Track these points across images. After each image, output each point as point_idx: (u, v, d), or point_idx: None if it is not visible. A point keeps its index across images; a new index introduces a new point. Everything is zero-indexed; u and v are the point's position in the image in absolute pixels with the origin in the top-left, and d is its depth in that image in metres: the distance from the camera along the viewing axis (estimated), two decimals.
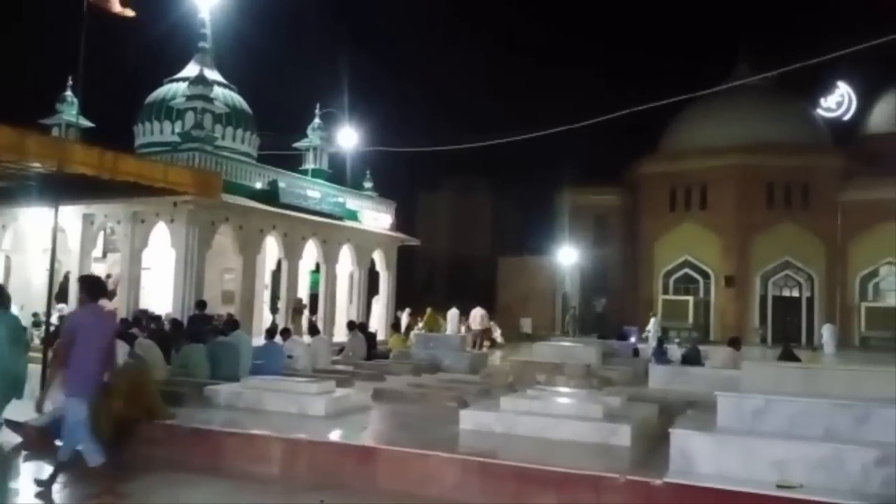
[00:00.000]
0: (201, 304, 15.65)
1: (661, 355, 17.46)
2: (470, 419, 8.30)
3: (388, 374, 13.07)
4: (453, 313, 23.54)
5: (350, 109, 25.35)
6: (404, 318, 26.59)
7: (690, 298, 37.03)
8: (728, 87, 36.72)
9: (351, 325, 16.94)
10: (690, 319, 36.33)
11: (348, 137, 24.65)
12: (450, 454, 7.09)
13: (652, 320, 27.45)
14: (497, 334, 28.50)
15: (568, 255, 37.71)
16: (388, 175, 27.70)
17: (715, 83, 36.10)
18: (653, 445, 7.40)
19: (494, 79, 79.14)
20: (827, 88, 39.49)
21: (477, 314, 22.85)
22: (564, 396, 9.09)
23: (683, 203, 37.96)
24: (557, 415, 8.16)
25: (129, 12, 11.82)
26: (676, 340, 26.40)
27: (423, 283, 49.35)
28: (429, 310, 23.15)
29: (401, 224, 26.44)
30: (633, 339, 22.15)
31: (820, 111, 39.43)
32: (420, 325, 22.26)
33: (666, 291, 38.06)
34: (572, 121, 20.32)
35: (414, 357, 15.59)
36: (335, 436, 8.12)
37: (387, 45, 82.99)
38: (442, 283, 51.29)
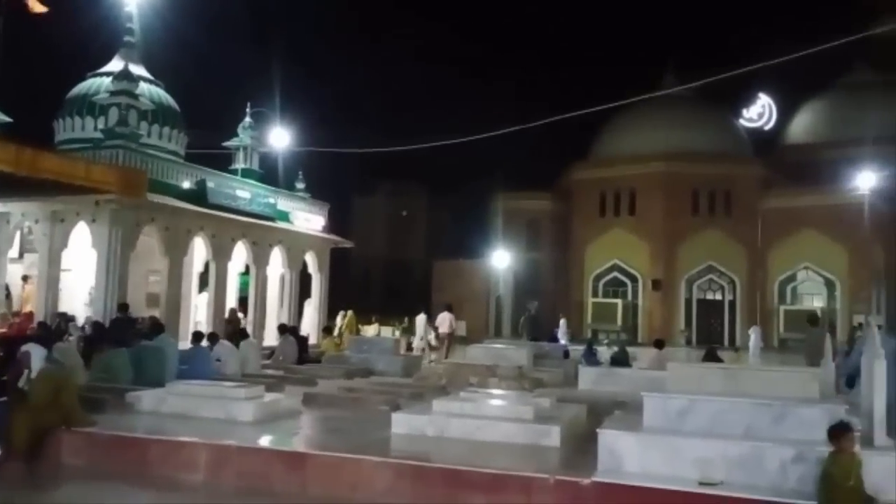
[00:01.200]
0: (123, 307, 15.10)
1: (590, 357, 17.80)
2: (402, 422, 8.27)
3: (319, 378, 12.90)
4: (422, 318, 23.29)
5: (282, 109, 24.94)
6: (339, 321, 26.30)
7: (619, 301, 37.93)
8: (656, 97, 37.81)
9: (282, 329, 16.66)
10: (619, 322, 37.22)
11: (280, 137, 24.21)
12: (381, 458, 7.05)
13: (562, 322, 28.06)
14: (431, 337, 28.46)
15: (502, 259, 38.09)
16: (321, 177, 27.39)
17: (644, 93, 37.32)
18: (582, 445, 7.52)
19: (431, 84, 79.41)
20: (749, 100, 41.20)
21: (446, 318, 22.25)
22: (496, 398, 9.15)
23: (613, 209, 38.86)
24: (489, 417, 8.21)
25: (42, 7, 11.31)
26: (605, 342, 26.97)
27: (358, 286, 49.01)
28: (349, 312, 22.84)
29: (334, 226, 26.17)
30: (563, 342, 22.52)
31: (742, 122, 41.03)
32: (340, 326, 21.89)
33: (596, 295, 38.89)
34: (507, 127, 20.59)
35: (347, 361, 15.43)
36: (264, 441, 7.96)
37: (322, 45, 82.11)
38: (377, 286, 51.10)
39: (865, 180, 31.25)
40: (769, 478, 6.10)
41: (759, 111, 41.37)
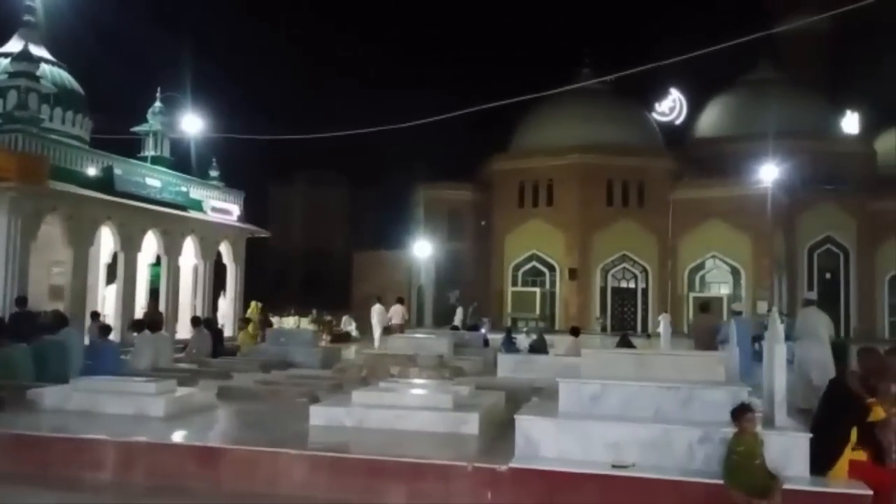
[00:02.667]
0: (21, 301, 14.28)
1: (509, 345, 18.08)
2: (320, 414, 8.16)
3: (235, 371, 12.58)
4: (378, 308, 23.49)
5: (195, 94, 24.09)
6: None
7: (538, 290, 38.65)
8: (573, 92, 38.60)
9: (195, 321, 16.15)
10: (537, 310, 37.92)
11: (192, 123, 23.35)
12: (298, 451, 6.94)
13: (459, 310, 28.46)
14: (352, 328, 28.31)
15: (423, 249, 38.17)
16: (237, 165, 26.68)
17: (561, 86, 38.02)
18: (500, 432, 7.61)
19: (353, 73, 78.50)
20: (661, 95, 42.59)
21: (398, 309, 23.12)
22: (415, 388, 9.16)
23: (532, 200, 39.50)
24: (408, 406, 8.21)
25: None
26: (524, 330, 27.47)
27: (276, 277, 48.13)
28: (253, 303, 22.49)
29: (250, 216, 25.57)
30: (483, 330, 22.77)
31: (655, 116, 42.39)
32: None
33: (515, 284, 39.50)
34: (427, 118, 20.49)
35: (264, 353, 15.12)
36: (176, 437, 7.71)
37: (238, 28, 79.94)
38: (296, 276, 50.29)
39: (768, 173, 32.83)
40: (677, 458, 6.33)
41: (671, 105, 42.84)
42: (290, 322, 24.57)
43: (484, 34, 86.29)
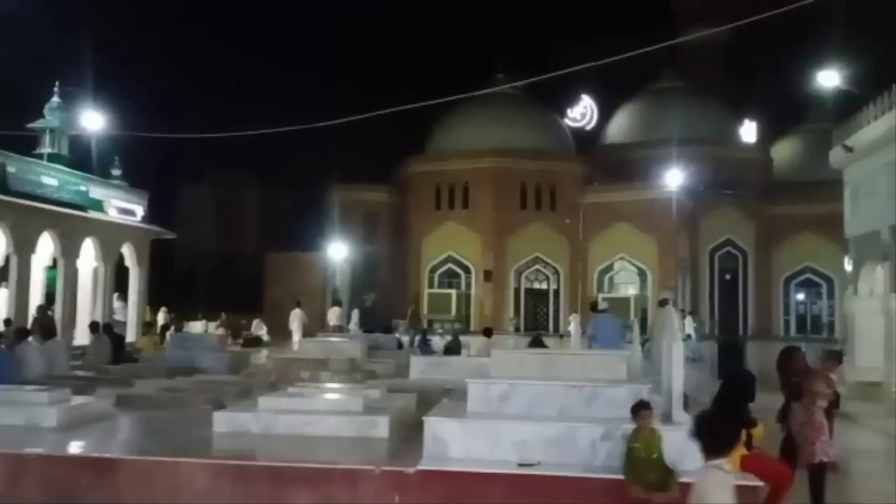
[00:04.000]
0: None
1: (425, 347, 18.12)
2: (225, 421, 7.96)
3: (136, 378, 12.10)
4: (298, 312, 23.52)
5: (97, 90, 22.94)
6: (161, 317, 24.88)
7: (453, 292, 38.85)
8: (488, 95, 39.02)
9: (94, 327, 15.43)
10: (453, 311, 38.09)
11: (93, 120, 22.23)
12: (200, 459, 6.75)
13: (354, 312, 27.99)
14: (263, 332, 27.72)
15: (338, 251, 37.73)
16: (143, 164, 25.66)
17: (476, 90, 38.42)
18: (410, 435, 7.61)
19: (266, 70, 76.75)
20: (573, 101, 43.60)
21: (337, 311, 24.39)
22: (325, 392, 9.05)
23: (448, 202, 39.68)
24: (317, 411, 8.11)
25: None
26: (440, 331, 27.59)
27: (185, 279, 46.57)
28: (146, 308, 21.84)
29: (156, 216, 24.61)
30: (398, 334, 22.74)
31: (567, 121, 43.36)
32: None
33: (431, 286, 39.57)
34: (344, 119, 20.23)
35: (168, 359, 14.59)
36: (70, 448, 7.36)
37: (145, 24, 76.82)
38: (206, 279, 48.77)
39: (672, 178, 34.13)
40: (581, 455, 6.50)
41: (582, 111, 43.89)
42: (197, 326, 23.81)
43: (402, 37, 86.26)
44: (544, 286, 39.51)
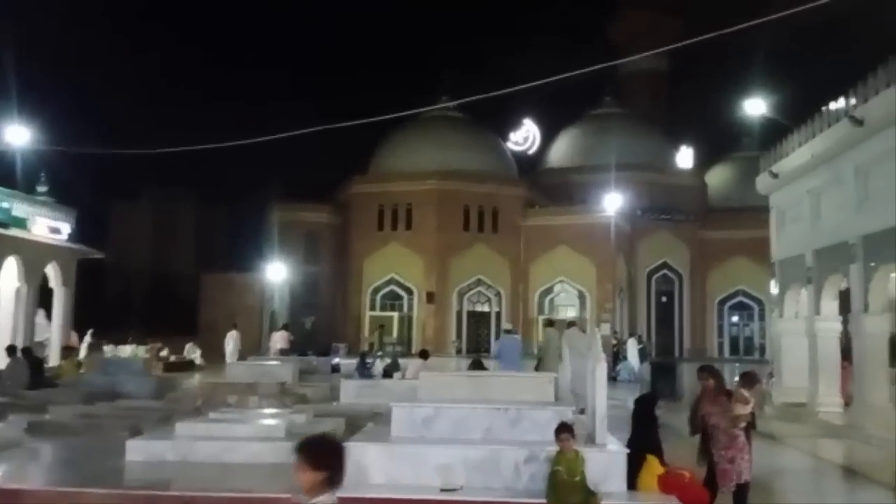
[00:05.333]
0: None
1: (363, 370, 17.80)
2: (139, 449, 7.61)
3: (52, 404, 11.51)
4: (234, 335, 24.15)
5: (21, 102, 22.06)
6: (87, 340, 23.89)
7: (395, 314, 38.64)
8: (432, 117, 39.33)
9: (11, 350, 14.68)
10: (395, 334, 37.84)
11: (17, 133, 21.35)
12: (108, 490, 6.40)
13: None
14: (196, 355, 26.92)
15: (277, 272, 37.09)
16: (73, 180, 24.80)
17: (421, 115, 38.58)
18: None
19: (206, 87, 75.72)
20: (516, 125, 44.21)
21: (283, 335, 24.45)
22: (249, 417, 8.76)
23: (391, 223, 39.57)
24: (238, 437, 7.83)
25: None
26: (379, 354, 27.24)
27: (116, 301, 45.04)
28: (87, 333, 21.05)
29: (86, 235, 23.71)
30: (337, 358, 22.36)
31: (509, 145, 43.89)
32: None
33: (373, 308, 39.27)
34: (283, 140, 19.92)
35: (89, 384, 13.97)
36: None
37: (77, 34, 74.86)
38: (138, 301, 47.25)
39: (611, 202, 34.77)
40: (505, 479, 6.40)
41: (524, 136, 44.52)
42: (126, 350, 22.91)
43: (348, 59, 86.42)
44: (486, 308, 39.62)
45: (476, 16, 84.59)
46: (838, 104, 13.20)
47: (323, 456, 3.04)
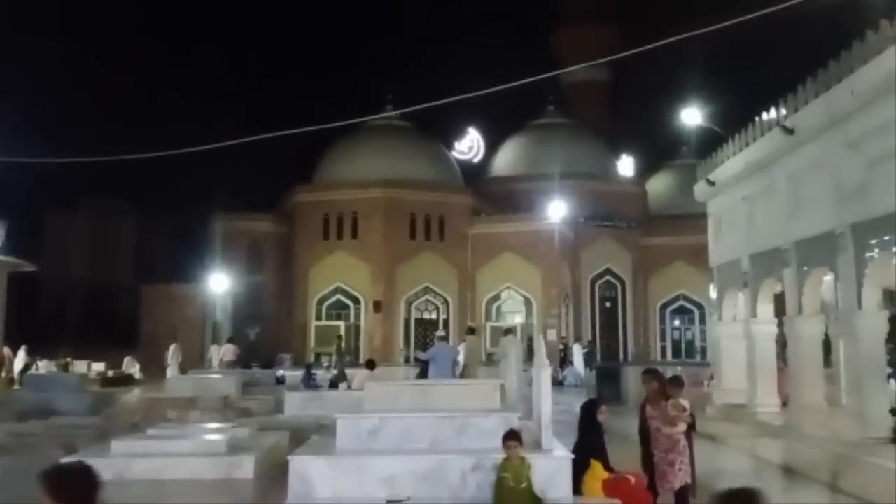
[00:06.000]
0: None
1: (309, 381, 17.55)
2: None
3: None
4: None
5: None
6: (21, 357, 22.98)
7: (342, 324, 38.24)
8: (377, 126, 39.20)
9: None
10: (342, 344, 37.44)
11: None
12: None
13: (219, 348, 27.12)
14: (135, 370, 26.16)
15: (220, 283, 36.33)
16: (4, 190, 23.82)
17: (366, 122, 38.43)
18: (280, 474, 7.25)
19: (146, 95, 73.96)
20: (461, 134, 44.45)
21: (230, 348, 24.77)
22: (189, 433, 8.52)
23: (336, 232, 39.21)
24: (177, 453, 7.61)
25: None
26: (326, 365, 26.96)
27: (51, 315, 43.44)
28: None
29: (19, 247, 22.85)
30: (281, 369, 22.03)
31: (455, 153, 44.08)
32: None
33: (319, 318, 38.81)
34: (225, 149, 19.55)
35: (21, 401, 13.42)
36: None
37: (9, 39, 72.25)
38: (75, 314, 45.65)
39: (555, 210, 35.23)
40: (451, 488, 6.37)
41: (469, 144, 44.80)
42: (40, 365, 22.05)
43: (294, 68, 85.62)
44: (434, 316, 39.59)
45: (421, 25, 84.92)
46: (771, 114, 13.67)
47: (66, 486, 2.81)
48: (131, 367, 26.20)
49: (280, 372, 19.07)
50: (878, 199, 10.13)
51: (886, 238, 10.13)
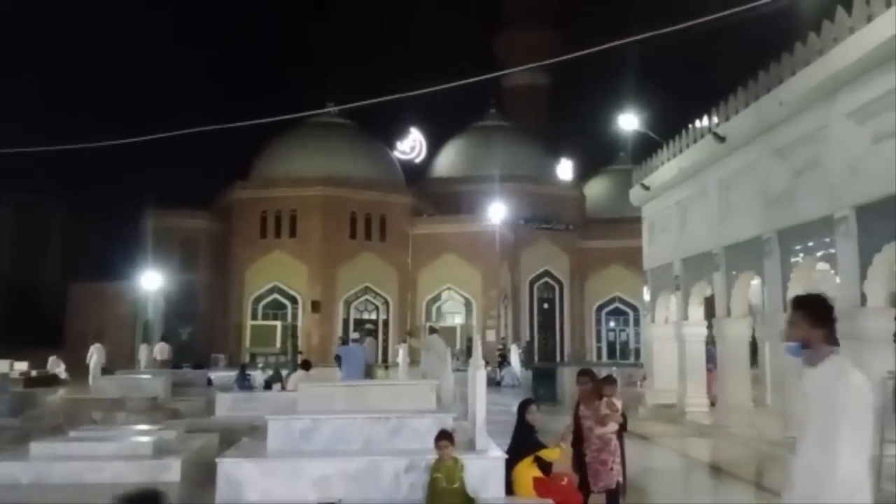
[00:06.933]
0: None
1: (243, 382, 17.18)
2: None
3: None
4: (98, 347, 22.54)
5: None
6: None
7: (278, 323, 37.64)
8: (318, 124, 38.74)
9: None
10: (278, 344, 36.87)
11: None
12: None
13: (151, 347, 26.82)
14: (61, 370, 25.18)
15: (151, 281, 35.30)
16: None
17: (307, 119, 37.97)
18: (208, 478, 7.05)
19: (78, 87, 71.19)
20: (403, 134, 44.36)
21: (164, 347, 24.53)
22: (114, 435, 8.22)
23: (274, 230, 38.57)
24: (101, 456, 7.33)
25: None
26: (260, 366, 26.48)
27: None
28: None
29: None
30: (211, 370, 21.51)
31: (397, 153, 43.95)
32: None
33: (255, 317, 38.11)
34: (159, 144, 18.95)
35: None
36: None
37: None
38: None
39: (495, 212, 35.50)
40: (384, 489, 6.31)
41: (412, 145, 44.74)
42: None
43: (230, 61, 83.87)
44: (374, 316, 39.37)
45: (365, 23, 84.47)
46: (704, 121, 14.08)
47: None
48: (56, 366, 25.20)
49: (210, 374, 18.58)
50: (802, 206, 10.54)
51: (810, 243, 10.54)
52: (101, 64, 74.19)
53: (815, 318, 3.22)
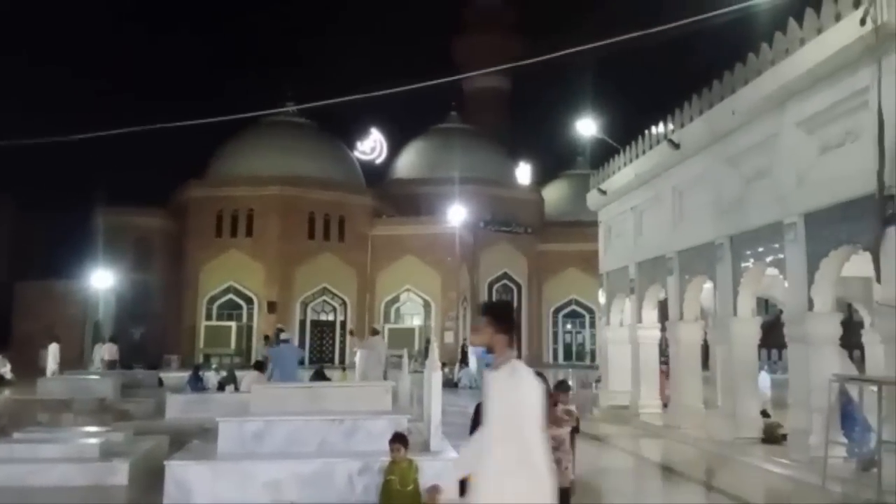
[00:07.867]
0: None
1: (196, 383, 16.86)
2: None
3: None
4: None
5: None
6: None
7: (233, 324, 37.08)
8: (276, 123, 38.37)
9: None
10: (233, 345, 36.33)
11: None
12: None
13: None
14: (6, 370, 24.39)
15: (102, 280, 34.46)
16: None
17: (263, 119, 37.53)
18: (155, 481, 6.91)
19: (26, 84, 69.14)
20: (364, 134, 44.16)
21: (111, 347, 23.95)
22: (60, 437, 7.99)
23: (230, 230, 37.98)
24: (45, 459, 7.13)
25: None
26: (214, 367, 26.04)
27: None
28: None
29: None
30: (162, 371, 21.10)
31: (357, 154, 43.71)
32: None
33: (210, 318, 37.46)
34: (112, 141, 18.50)
35: None
36: None
37: None
38: None
39: (455, 214, 35.56)
40: (338, 491, 6.26)
41: (372, 146, 44.56)
42: None
43: (188, 58, 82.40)
44: (331, 317, 39.07)
45: (326, 22, 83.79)
46: (660, 128, 14.32)
47: None
48: (2, 367, 24.39)
49: (162, 374, 18.17)
50: (753, 212, 10.79)
51: (760, 249, 10.80)
52: (52, 55, 72.20)
53: (498, 324, 3.43)
